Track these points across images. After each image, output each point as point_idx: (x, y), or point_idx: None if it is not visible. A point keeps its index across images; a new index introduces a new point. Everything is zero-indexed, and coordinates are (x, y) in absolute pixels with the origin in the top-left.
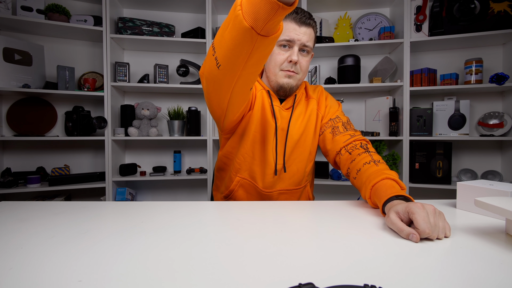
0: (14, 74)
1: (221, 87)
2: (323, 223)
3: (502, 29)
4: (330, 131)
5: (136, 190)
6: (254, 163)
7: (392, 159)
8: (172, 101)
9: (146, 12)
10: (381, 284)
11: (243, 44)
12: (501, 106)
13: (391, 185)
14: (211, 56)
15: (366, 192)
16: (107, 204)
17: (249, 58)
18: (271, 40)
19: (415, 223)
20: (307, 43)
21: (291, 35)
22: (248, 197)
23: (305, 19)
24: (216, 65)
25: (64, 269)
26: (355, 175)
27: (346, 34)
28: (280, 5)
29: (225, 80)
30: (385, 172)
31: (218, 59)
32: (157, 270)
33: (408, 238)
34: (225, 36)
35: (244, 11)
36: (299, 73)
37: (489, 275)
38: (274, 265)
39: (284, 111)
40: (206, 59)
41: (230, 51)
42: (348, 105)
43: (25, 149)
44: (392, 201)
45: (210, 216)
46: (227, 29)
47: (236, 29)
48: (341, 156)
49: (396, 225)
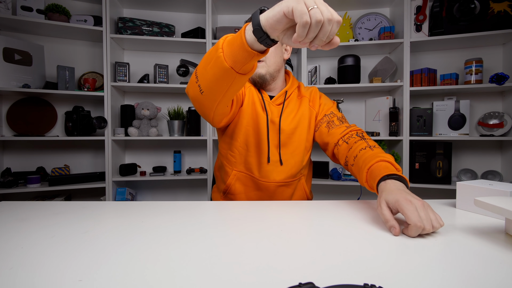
0: (14, 74)
1: (204, 107)
2: (323, 223)
3: (502, 29)
4: (326, 126)
5: (136, 190)
6: (248, 155)
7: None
8: (172, 101)
9: (146, 12)
10: (381, 284)
11: (224, 79)
12: (501, 106)
13: (386, 166)
14: (195, 83)
15: (362, 176)
16: (107, 204)
17: (229, 89)
18: (247, 76)
19: (406, 218)
20: None
21: None
22: (246, 189)
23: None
24: (200, 91)
25: (64, 269)
26: (353, 162)
27: (346, 34)
28: (255, 53)
29: (208, 102)
30: (380, 155)
31: (201, 87)
32: (157, 270)
33: (389, 230)
34: (208, 71)
35: (225, 54)
36: (265, 60)
37: (488, 275)
38: (274, 264)
39: (274, 106)
40: (190, 83)
41: (212, 83)
42: (348, 105)
43: (25, 149)
44: (386, 181)
45: (210, 216)
46: (209, 65)
47: (218, 67)
48: (339, 147)
49: (384, 215)
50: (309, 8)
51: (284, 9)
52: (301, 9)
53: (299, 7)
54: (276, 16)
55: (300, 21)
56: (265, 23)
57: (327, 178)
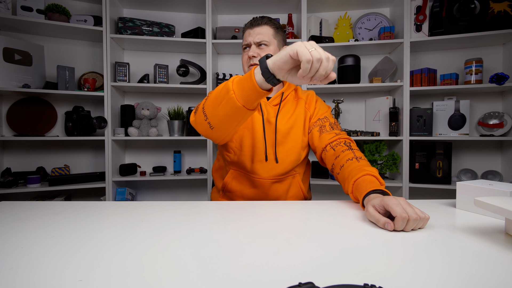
0: (14, 74)
1: (214, 138)
2: (322, 223)
3: (502, 29)
4: (318, 130)
5: (136, 190)
6: (242, 154)
7: (392, 159)
8: (172, 101)
9: (146, 12)
10: (381, 284)
11: (235, 116)
12: (501, 106)
13: (371, 181)
14: (204, 121)
15: (348, 187)
16: (107, 204)
17: (239, 123)
18: (254, 111)
19: (392, 212)
20: (259, 39)
21: (246, 38)
22: (241, 188)
23: (255, 21)
24: (210, 127)
25: (64, 269)
26: (339, 170)
27: (346, 34)
28: (264, 92)
29: (218, 135)
30: (366, 168)
31: (211, 124)
32: (157, 270)
33: (384, 227)
34: (220, 110)
35: (237, 95)
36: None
37: (488, 275)
38: (274, 264)
39: (271, 106)
40: (199, 121)
41: (224, 120)
42: (348, 105)
43: (25, 149)
44: (370, 195)
45: (210, 216)
46: (220, 105)
47: (230, 106)
48: (326, 152)
49: (374, 216)
50: (309, 50)
51: (290, 52)
52: (304, 50)
53: (302, 49)
54: (283, 58)
55: (304, 59)
56: (273, 65)
57: (326, 178)
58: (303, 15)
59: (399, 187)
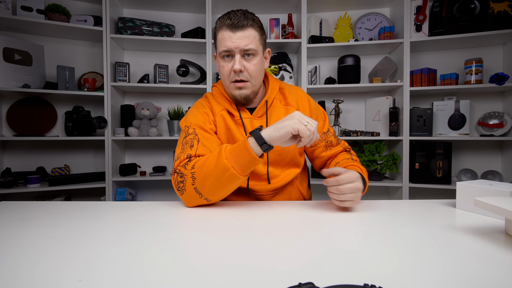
0: (14, 74)
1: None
2: (322, 223)
3: (502, 29)
4: (324, 145)
5: (136, 190)
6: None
7: (392, 159)
8: (172, 101)
9: (146, 12)
10: (381, 284)
11: (234, 185)
12: (501, 106)
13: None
14: (199, 199)
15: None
16: (107, 204)
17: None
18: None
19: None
20: (247, 47)
21: (227, 44)
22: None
23: (238, 22)
24: (207, 201)
25: (64, 268)
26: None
27: (346, 34)
28: (260, 159)
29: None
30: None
31: (208, 199)
32: (156, 270)
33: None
34: (219, 187)
35: (237, 170)
36: (250, 79)
37: (488, 275)
38: (274, 264)
39: (256, 120)
40: (191, 200)
41: (221, 191)
42: (348, 105)
43: (25, 149)
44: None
45: (210, 216)
46: (220, 182)
47: (231, 181)
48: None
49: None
50: (305, 124)
51: (291, 130)
52: (303, 128)
53: (302, 127)
54: (283, 135)
55: (305, 135)
56: (269, 139)
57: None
58: (303, 15)
59: (399, 187)
